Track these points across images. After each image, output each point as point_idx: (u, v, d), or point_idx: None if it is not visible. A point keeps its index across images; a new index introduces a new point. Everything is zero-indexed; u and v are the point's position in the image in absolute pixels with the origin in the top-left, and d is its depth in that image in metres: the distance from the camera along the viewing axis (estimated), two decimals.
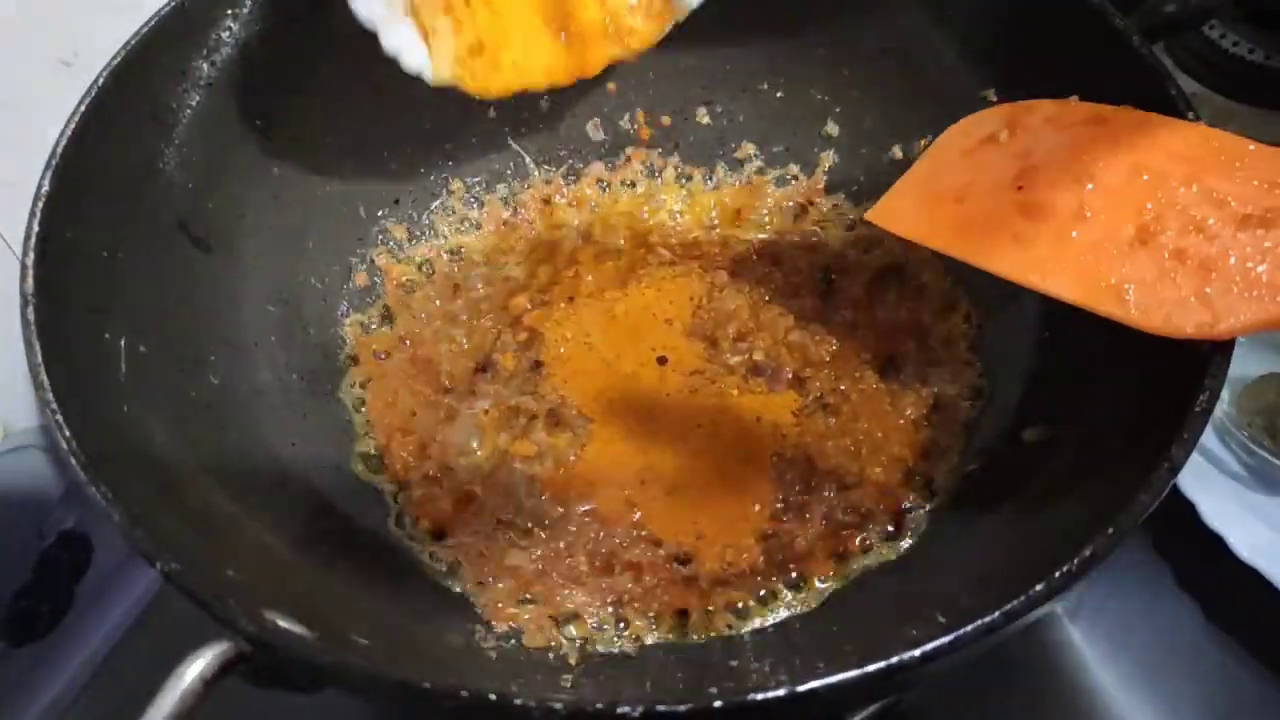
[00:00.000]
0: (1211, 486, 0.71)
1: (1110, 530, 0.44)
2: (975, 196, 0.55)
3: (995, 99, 0.72)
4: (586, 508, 0.64)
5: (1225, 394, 0.71)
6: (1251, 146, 0.52)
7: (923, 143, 0.76)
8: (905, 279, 0.74)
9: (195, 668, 0.40)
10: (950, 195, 0.56)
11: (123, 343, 0.56)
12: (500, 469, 0.66)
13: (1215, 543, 0.67)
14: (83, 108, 0.58)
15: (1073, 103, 0.57)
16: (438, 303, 0.75)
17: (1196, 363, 0.49)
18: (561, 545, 0.62)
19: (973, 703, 0.68)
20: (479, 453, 0.67)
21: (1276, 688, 0.68)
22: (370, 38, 0.75)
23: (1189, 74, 0.95)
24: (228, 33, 0.67)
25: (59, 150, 0.56)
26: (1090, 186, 0.53)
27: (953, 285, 0.72)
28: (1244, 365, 0.76)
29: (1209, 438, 0.74)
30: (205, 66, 0.66)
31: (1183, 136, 0.54)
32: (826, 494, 0.64)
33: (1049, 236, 0.52)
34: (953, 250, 0.55)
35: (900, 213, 0.58)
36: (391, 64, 0.77)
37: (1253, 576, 0.65)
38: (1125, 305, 0.49)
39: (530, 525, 0.63)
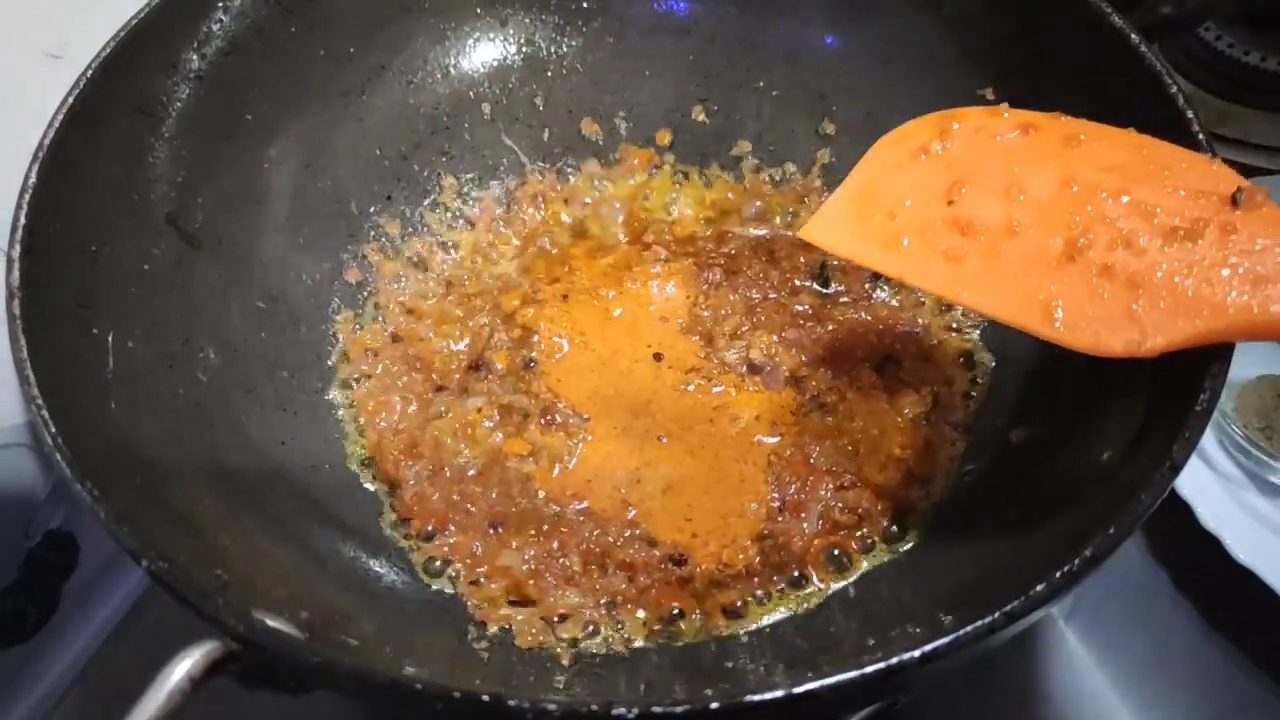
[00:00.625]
0: (1208, 488, 0.71)
1: (1111, 531, 0.43)
2: (907, 212, 0.55)
3: (993, 97, 0.72)
4: (580, 506, 0.63)
5: (1222, 395, 0.70)
6: (1181, 155, 0.51)
7: None
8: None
9: (182, 667, 0.39)
10: (882, 210, 0.55)
11: (110, 338, 0.56)
12: (493, 468, 0.65)
13: (1211, 544, 0.67)
14: (70, 100, 0.57)
15: (1003, 109, 0.57)
16: (430, 300, 0.75)
17: (1197, 363, 0.49)
18: (555, 545, 0.61)
19: (968, 704, 0.67)
20: (471, 451, 0.67)
21: (1272, 689, 0.68)
22: (361, 32, 0.75)
23: (1185, 75, 0.95)
24: (218, 25, 0.66)
25: (46, 143, 0.55)
26: (1021, 198, 0.52)
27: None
28: (1240, 367, 0.75)
29: (1206, 439, 0.74)
30: (195, 59, 0.65)
31: (1112, 145, 0.53)
32: (824, 493, 0.63)
33: (979, 253, 0.52)
34: (885, 269, 0.55)
35: (833, 229, 0.57)
36: (382, 58, 0.76)
37: (1249, 578, 0.65)
38: (1053, 325, 0.49)
39: (523, 525, 0.62)
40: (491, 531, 0.62)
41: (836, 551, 0.61)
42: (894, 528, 0.62)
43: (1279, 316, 0.45)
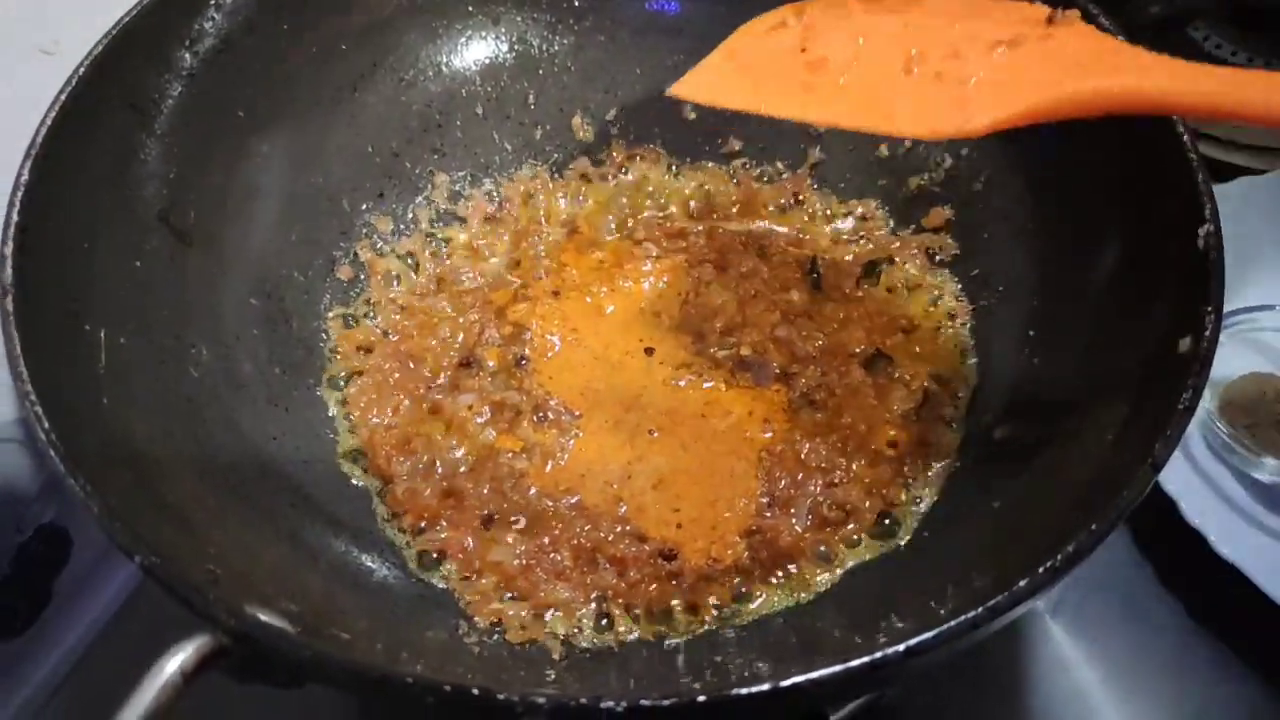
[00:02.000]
0: (1192, 484, 0.71)
1: (1094, 527, 0.44)
2: (766, 63, 0.60)
3: None
4: (572, 501, 0.64)
5: (1207, 393, 0.71)
6: (1006, 2, 0.57)
7: (908, 142, 0.76)
8: (892, 272, 0.74)
9: (175, 661, 0.40)
10: (744, 66, 0.61)
11: (102, 334, 0.56)
12: (485, 464, 0.66)
13: (1196, 540, 0.67)
14: (63, 97, 0.57)
15: None
16: (421, 297, 0.75)
17: (1180, 361, 0.49)
18: (546, 540, 0.62)
19: (954, 698, 0.68)
20: (463, 448, 0.67)
21: (1256, 684, 0.68)
22: (353, 30, 0.75)
23: None
24: (210, 23, 0.66)
25: (39, 140, 0.56)
26: (862, 40, 0.58)
27: (940, 280, 0.73)
28: (1225, 365, 0.76)
29: (1191, 437, 0.75)
30: (188, 57, 0.65)
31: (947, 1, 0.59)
32: (812, 489, 0.63)
33: (829, 80, 0.57)
34: (748, 105, 0.59)
35: (701, 84, 0.63)
36: (374, 56, 0.77)
37: (1233, 574, 0.66)
38: (893, 122, 0.55)
39: (515, 520, 0.63)
40: (483, 527, 0.63)
41: (824, 547, 0.62)
42: (881, 524, 0.62)
43: (1082, 92, 0.50)
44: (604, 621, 0.59)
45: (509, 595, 0.60)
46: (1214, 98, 0.48)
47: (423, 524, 0.64)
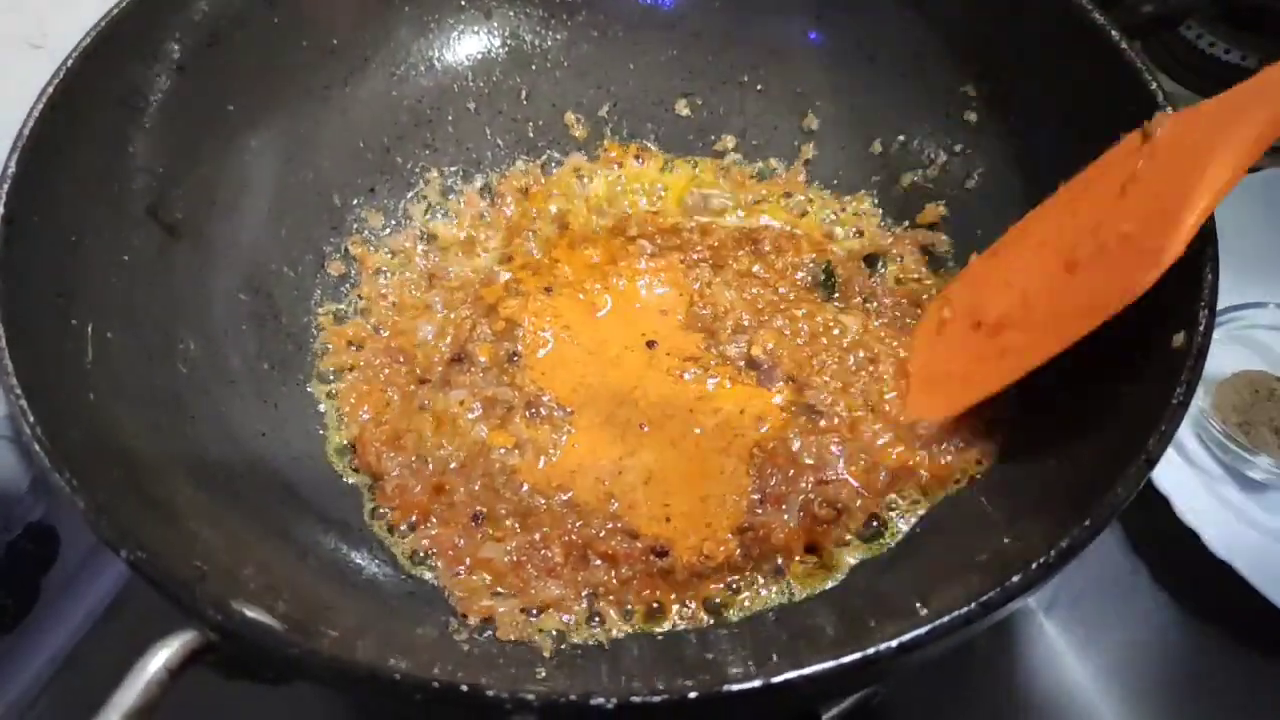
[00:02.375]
0: (1186, 482, 0.71)
1: (1087, 522, 0.44)
2: (959, 358, 0.63)
3: (974, 94, 0.72)
4: (563, 498, 0.63)
5: (1200, 391, 0.71)
6: (1088, 171, 0.58)
7: (900, 138, 0.76)
8: (888, 267, 0.74)
9: (160, 658, 0.39)
10: (945, 371, 0.65)
11: (89, 328, 0.55)
12: (476, 460, 0.65)
13: (1189, 538, 0.67)
14: (51, 90, 0.57)
15: (974, 262, 0.67)
16: (413, 293, 0.75)
17: (1175, 356, 0.49)
18: (537, 537, 0.61)
19: (948, 696, 0.68)
20: (454, 444, 0.66)
21: (1248, 681, 0.68)
22: (344, 24, 0.75)
23: (1166, 73, 0.95)
24: (200, 15, 0.66)
25: (26, 132, 0.55)
26: (1010, 282, 0.61)
27: (935, 278, 0.73)
28: (1219, 363, 0.76)
29: (1184, 434, 0.75)
30: (177, 49, 0.65)
31: (1039, 215, 0.61)
32: (804, 486, 0.63)
33: (1018, 330, 0.59)
34: (981, 396, 0.60)
35: (927, 404, 0.64)
36: (366, 50, 0.76)
37: (1226, 571, 0.66)
38: (1097, 316, 0.53)
39: (505, 517, 0.62)
40: (473, 523, 0.62)
41: (816, 545, 0.61)
42: (874, 521, 0.62)
43: (1232, 166, 0.49)
44: (595, 618, 0.59)
45: (500, 592, 0.59)
46: None
47: (413, 520, 0.63)
